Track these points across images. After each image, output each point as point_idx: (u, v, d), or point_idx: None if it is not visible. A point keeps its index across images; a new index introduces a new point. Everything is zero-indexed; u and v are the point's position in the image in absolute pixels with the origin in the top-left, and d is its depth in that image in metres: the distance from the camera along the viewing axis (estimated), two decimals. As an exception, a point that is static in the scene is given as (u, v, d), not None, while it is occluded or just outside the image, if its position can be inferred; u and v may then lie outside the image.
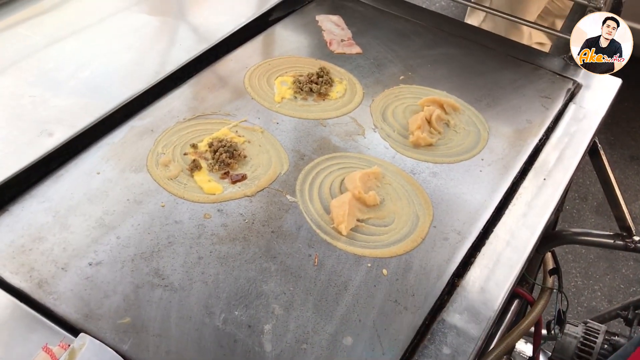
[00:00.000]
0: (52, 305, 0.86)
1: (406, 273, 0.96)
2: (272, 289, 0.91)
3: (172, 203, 1.02)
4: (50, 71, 1.23)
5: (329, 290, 0.92)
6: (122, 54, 1.31)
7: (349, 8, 1.59)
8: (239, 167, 1.09)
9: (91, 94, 1.19)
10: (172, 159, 1.08)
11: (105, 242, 0.95)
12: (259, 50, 1.41)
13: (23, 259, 0.91)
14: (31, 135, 1.08)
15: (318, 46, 1.44)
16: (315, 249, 0.97)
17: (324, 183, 1.08)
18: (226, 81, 1.29)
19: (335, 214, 1.01)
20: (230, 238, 0.97)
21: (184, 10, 1.53)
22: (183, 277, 0.91)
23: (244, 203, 1.03)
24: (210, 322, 0.86)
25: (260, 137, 1.15)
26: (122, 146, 1.11)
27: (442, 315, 0.92)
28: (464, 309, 0.93)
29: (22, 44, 1.29)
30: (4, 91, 1.17)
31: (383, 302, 0.92)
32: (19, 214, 0.97)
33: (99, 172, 1.05)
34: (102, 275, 0.90)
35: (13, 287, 0.88)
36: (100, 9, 1.44)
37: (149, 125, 1.16)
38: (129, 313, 0.86)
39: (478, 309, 0.93)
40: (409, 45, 1.46)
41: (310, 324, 0.88)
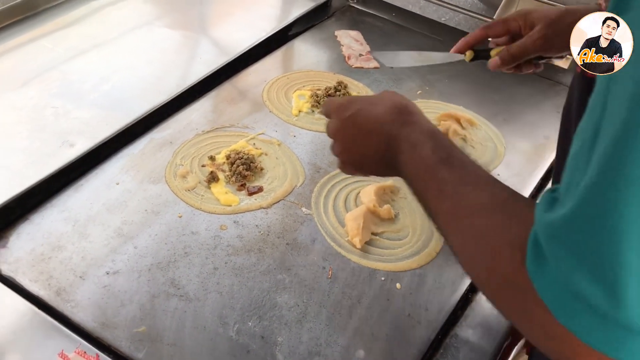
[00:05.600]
0: (70, 313, 0.87)
1: (420, 287, 0.96)
2: (286, 300, 0.92)
3: (189, 214, 1.03)
4: (73, 84, 1.26)
5: (342, 303, 0.92)
6: (143, 68, 1.33)
7: (367, 23, 1.60)
8: (256, 179, 1.10)
9: (112, 106, 1.21)
10: (190, 171, 1.10)
11: (123, 251, 0.96)
12: (278, 64, 1.43)
13: (42, 267, 0.93)
14: (53, 145, 1.10)
15: (336, 60, 1.45)
16: (330, 261, 0.98)
17: (339, 196, 1.08)
18: (245, 94, 1.31)
19: (349, 227, 1.01)
20: (246, 249, 0.98)
21: (206, 25, 1.55)
22: (198, 287, 0.92)
23: (259, 215, 1.04)
24: (224, 333, 0.87)
25: (277, 149, 1.16)
26: (142, 157, 1.13)
27: (455, 329, 0.92)
28: (478, 323, 0.93)
29: (46, 57, 1.32)
30: (28, 102, 1.19)
31: (396, 316, 0.92)
32: (40, 223, 0.99)
33: (119, 182, 1.07)
34: (119, 284, 0.91)
35: (32, 294, 0.89)
36: (122, 23, 1.47)
37: (168, 137, 1.17)
38: (145, 322, 0.87)
39: (492, 324, 0.93)
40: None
41: (323, 337, 0.88)
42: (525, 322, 0.55)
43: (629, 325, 0.46)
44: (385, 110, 0.78)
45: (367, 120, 0.79)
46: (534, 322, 0.53)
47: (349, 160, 0.83)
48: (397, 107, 0.78)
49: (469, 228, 0.61)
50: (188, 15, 1.56)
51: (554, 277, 0.49)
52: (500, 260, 0.56)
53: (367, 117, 0.79)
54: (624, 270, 0.44)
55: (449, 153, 0.69)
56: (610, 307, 0.46)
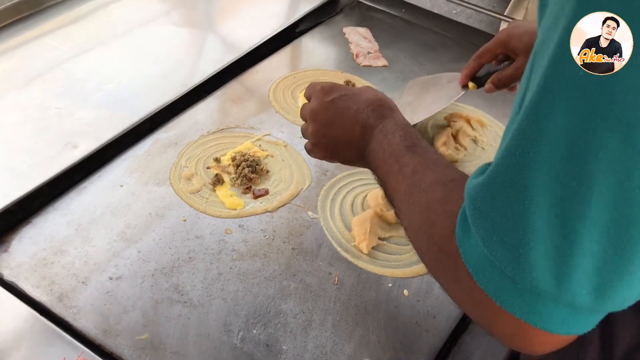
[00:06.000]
0: (72, 320, 0.86)
1: (428, 294, 0.94)
2: (291, 307, 0.90)
3: (194, 217, 1.02)
4: (77, 83, 1.24)
5: (348, 311, 0.91)
6: (148, 66, 1.31)
7: (376, 19, 1.58)
8: (261, 182, 1.08)
9: (117, 106, 1.20)
10: (194, 173, 1.08)
11: (126, 256, 0.95)
12: (285, 63, 1.41)
13: (45, 272, 0.91)
14: (56, 147, 1.08)
15: (344, 58, 1.43)
16: (336, 267, 0.96)
17: (345, 200, 1.07)
18: (251, 94, 1.29)
19: (356, 232, 1.00)
20: (251, 254, 0.97)
21: (212, 22, 1.53)
22: (202, 293, 0.91)
23: (265, 219, 1.03)
24: (228, 341, 0.86)
25: (283, 151, 1.15)
26: (146, 159, 1.11)
27: (464, 337, 0.90)
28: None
29: (50, 55, 1.30)
30: (32, 102, 1.18)
31: (403, 324, 0.90)
32: (42, 226, 0.98)
33: (122, 184, 1.06)
34: (122, 290, 0.90)
35: (34, 300, 0.88)
36: (127, 21, 1.45)
37: (173, 138, 1.16)
38: (148, 329, 0.86)
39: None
40: (436, 58, 1.45)
41: (328, 345, 0.86)
42: (455, 288, 0.58)
43: (535, 289, 0.47)
44: (366, 101, 0.83)
45: (348, 107, 0.83)
46: (462, 289, 0.55)
47: (321, 143, 0.87)
48: (378, 100, 0.83)
49: (417, 203, 0.65)
50: (194, 12, 1.55)
51: (474, 242, 0.51)
52: (436, 229, 0.59)
53: (347, 104, 0.84)
54: (529, 234, 0.46)
55: (414, 142, 0.74)
56: (517, 271, 0.48)
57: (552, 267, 0.47)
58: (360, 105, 0.83)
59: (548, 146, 0.45)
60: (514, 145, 0.47)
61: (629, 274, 0.46)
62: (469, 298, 0.55)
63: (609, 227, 0.45)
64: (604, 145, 0.43)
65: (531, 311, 0.49)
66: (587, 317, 0.50)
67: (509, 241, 0.48)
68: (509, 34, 1.08)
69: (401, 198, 0.70)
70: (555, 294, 0.47)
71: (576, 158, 0.44)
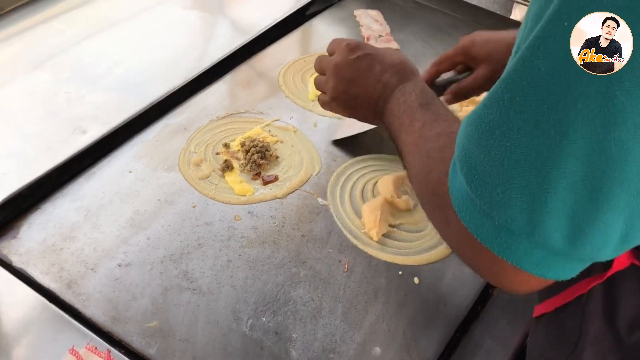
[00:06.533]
0: (81, 307, 0.86)
1: (438, 282, 0.94)
2: (301, 295, 0.90)
3: (203, 204, 1.01)
4: (86, 67, 1.23)
5: (358, 298, 0.90)
6: (157, 50, 1.30)
7: (387, 2, 1.56)
8: (271, 168, 1.07)
9: (126, 90, 1.19)
10: (204, 159, 1.07)
11: (135, 242, 0.94)
12: (295, 46, 1.39)
13: (54, 259, 0.91)
14: (65, 132, 1.08)
15: (355, 42, 1.41)
16: (346, 254, 0.96)
17: (356, 186, 1.06)
18: (261, 78, 1.28)
19: (366, 219, 0.99)
20: (260, 241, 0.96)
21: (222, 5, 1.51)
22: (211, 280, 0.90)
23: (274, 205, 1.02)
24: (238, 328, 0.85)
25: (293, 136, 1.14)
26: (155, 144, 1.10)
27: (475, 326, 0.90)
28: (498, 320, 0.91)
29: (58, 39, 1.29)
30: (40, 87, 1.17)
31: (414, 312, 0.89)
32: (51, 212, 0.98)
33: (131, 170, 1.05)
34: (131, 277, 0.90)
35: (43, 287, 0.88)
36: (136, 3, 1.44)
37: (182, 123, 1.15)
38: (157, 317, 0.85)
39: (513, 319, 0.91)
40: (447, 41, 1.42)
41: (338, 333, 0.86)
42: (445, 228, 0.62)
43: (510, 227, 0.51)
44: (390, 63, 0.87)
45: (371, 66, 0.88)
46: (451, 229, 0.59)
47: (340, 99, 0.91)
48: (401, 63, 0.87)
49: (420, 152, 0.70)
50: (203, -6, 1.53)
51: (460, 182, 0.55)
52: (432, 174, 0.65)
53: (372, 63, 0.88)
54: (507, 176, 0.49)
55: (428, 101, 0.79)
56: (495, 209, 0.51)
57: (527, 209, 0.49)
58: (385, 66, 0.87)
59: (532, 94, 0.47)
60: (501, 90, 0.49)
61: (601, 223, 0.48)
62: (456, 237, 0.59)
63: (583, 177, 0.47)
64: (583, 96, 0.45)
65: (508, 249, 0.52)
66: (563, 263, 0.52)
67: (489, 181, 0.51)
68: (471, 41, 1.04)
69: (409, 150, 0.75)
70: (529, 233, 0.50)
71: (556, 107, 0.46)
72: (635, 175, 0.46)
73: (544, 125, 0.47)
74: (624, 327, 0.66)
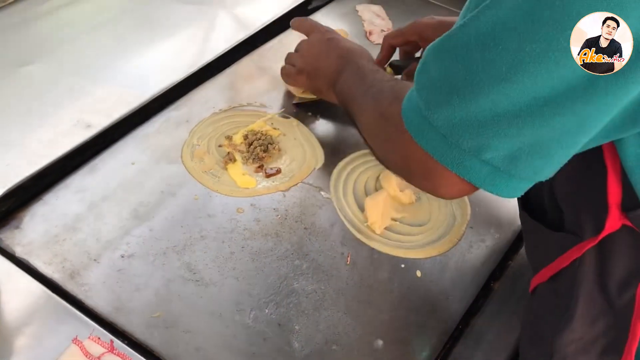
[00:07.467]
0: (84, 297, 0.86)
1: (441, 275, 0.94)
2: (303, 287, 0.90)
3: (206, 196, 1.01)
4: (88, 59, 1.23)
5: (361, 291, 0.90)
6: (159, 43, 1.30)
7: (390, -3, 1.56)
8: (273, 160, 1.07)
9: (128, 83, 1.18)
10: (206, 151, 1.07)
11: (138, 234, 0.94)
12: (297, 40, 1.37)
13: (57, 249, 0.91)
14: (68, 124, 1.08)
15: (357, 36, 1.41)
16: (348, 247, 0.96)
17: (359, 179, 1.06)
18: (263, 71, 1.28)
19: (369, 212, 0.99)
20: (263, 234, 0.96)
21: (223, -1, 1.51)
22: (214, 272, 0.90)
23: (277, 198, 1.02)
24: (241, 320, 0.85)
25: (295, 129, 1.14)
26: (158, 137, 1.10)
27: (477, 319, 0.90)
28: (500, 313, 0.91)
29: (61, 31, 1.29)
30: (42, 79, 1.17)
31: (416, 305, 0.90)
32: (54, 204, 0.98)
33: (134, 162, 1.05)
34: (134, 268, 0.90)
35: (46, 277, 0.88)
36: (139, -4, 1.43)
37: (185, 115, 1.15)
38: (160, 307, 0.86)
39: (515, 312, 0.91)
40: (451, 37, 1.42)
41: (340, 325, 0.86)
42: (387, 145, 0.72)
43: (459, 145, 0.57)
44: (353, 48, 1.04)
45: (339, 46, 1.05)
46: (393, 143, 0.68)
47: (306, 69, 1.09)
48: (363, 51, 1.04)
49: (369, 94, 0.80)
50: (206, -12, 1.53)
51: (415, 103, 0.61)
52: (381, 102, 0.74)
53: (340, 44, 1.05)
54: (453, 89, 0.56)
55: (378, 69, 0.91)
56: (425, 110, 0.59)
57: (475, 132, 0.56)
58: (349, 50, 1.03)
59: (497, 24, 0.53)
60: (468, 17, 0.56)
61: (537, 146, 0.55)
62: (398, 148, 0.67)
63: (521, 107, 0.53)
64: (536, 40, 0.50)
65: (459, 165, 0.58)
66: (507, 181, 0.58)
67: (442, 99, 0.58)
68: (425, 24, 1.09)
69: (359, 102, 0.84)
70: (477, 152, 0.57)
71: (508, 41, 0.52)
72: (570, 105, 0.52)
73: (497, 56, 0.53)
74: (615, 289, 0.67)
